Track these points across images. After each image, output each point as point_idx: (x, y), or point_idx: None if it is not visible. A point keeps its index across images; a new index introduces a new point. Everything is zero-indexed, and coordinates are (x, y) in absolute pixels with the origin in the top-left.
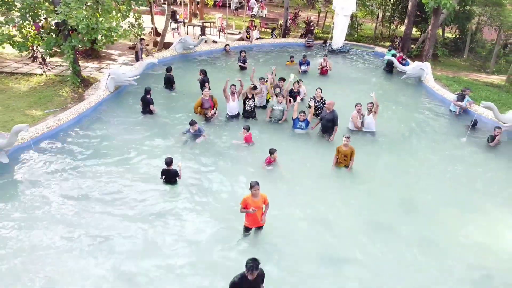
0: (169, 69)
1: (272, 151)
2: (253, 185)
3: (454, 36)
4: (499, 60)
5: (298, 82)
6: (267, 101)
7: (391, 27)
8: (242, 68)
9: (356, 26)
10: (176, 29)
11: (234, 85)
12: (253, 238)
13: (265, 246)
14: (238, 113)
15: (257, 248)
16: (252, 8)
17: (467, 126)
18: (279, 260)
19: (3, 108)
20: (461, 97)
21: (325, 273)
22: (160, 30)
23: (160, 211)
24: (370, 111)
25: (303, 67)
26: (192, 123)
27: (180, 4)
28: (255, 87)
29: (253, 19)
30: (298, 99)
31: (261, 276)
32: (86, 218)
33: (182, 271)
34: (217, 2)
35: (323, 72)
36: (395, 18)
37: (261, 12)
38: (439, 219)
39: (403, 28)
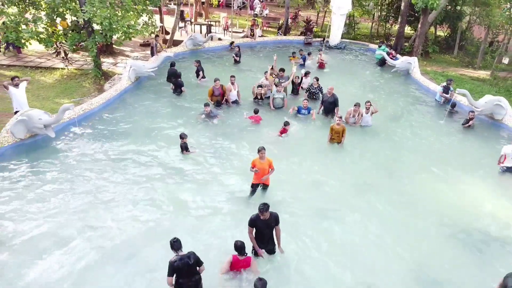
0: (172, 64)
1: (286, 123)
2: (260, 150)
3: (445, 34)
4: (486, 57)
5: (306, 74)
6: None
7: (387, 26)
8: (236, 62)
9: (353, 25)
10: (183, 28)
11: (234, 76)
12: (261, 194)
13: (272, 198)
14: (236, 100)
15: (265, 199)
16: (255, 8)
17: (446, 111)
18: (282, 207)
19: (34, 98)
20: (446, 89)
21: (320, 218)
22: (168, 29)
23: (180, 172)
24: (367, 109)
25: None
26: (206, 105)
27: (186, 4)
28: (261, 86)
29: (255, 18)
30: (292, 109)
31: (274, 218)
32: (118, 176)
33: (202, 218)
34: (220, 2)
35: (321, 66)
36: (390, 17)
37: (263, 11)
38: (415, 182)
39: (397, 27)
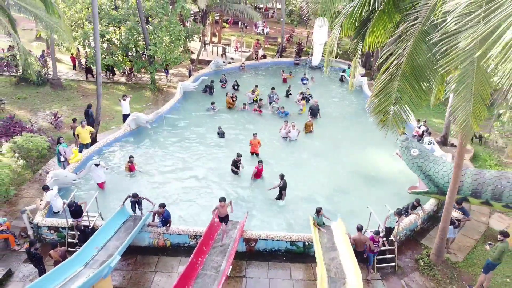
0: (210, 82)
1: (258, 106)
2: (253, 134)
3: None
4: None
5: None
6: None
7: None
8: (223, 86)
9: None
10: (204, 49)
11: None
12: (255, 158)
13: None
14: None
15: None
16: (258, 27)
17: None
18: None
19: (115, 104)
20: None
21: (292, 167)
22: (192, 49)
23: (219, 143)
24: (293, 127)
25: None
26: (212, 103)
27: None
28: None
29: (258, 39)
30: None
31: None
32: (184, 144)
33: (219, 175)
34: (229, 21)
35: (284, 81)
36: None
37: (265, 30)
38: (347, 151)
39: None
